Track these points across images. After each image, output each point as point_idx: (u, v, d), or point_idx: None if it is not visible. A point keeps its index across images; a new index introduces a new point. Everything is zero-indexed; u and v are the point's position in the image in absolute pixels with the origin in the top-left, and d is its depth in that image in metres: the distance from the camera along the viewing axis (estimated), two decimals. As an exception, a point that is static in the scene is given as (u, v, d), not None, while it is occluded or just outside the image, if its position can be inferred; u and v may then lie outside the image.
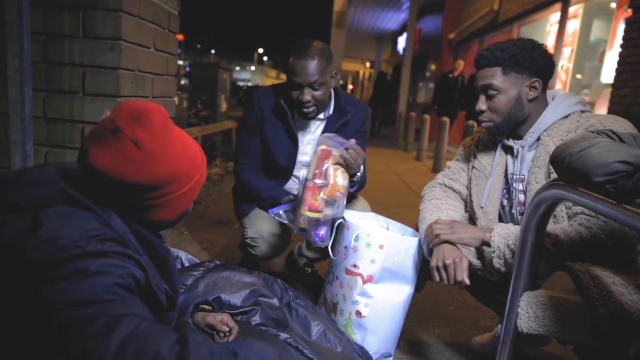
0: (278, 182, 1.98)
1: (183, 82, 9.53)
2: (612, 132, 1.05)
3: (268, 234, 1.88)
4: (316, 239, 1.62)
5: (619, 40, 4.41)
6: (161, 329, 0.79)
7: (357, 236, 1.55)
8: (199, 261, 1.70)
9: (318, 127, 1.97)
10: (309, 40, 1.81)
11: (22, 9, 1.52)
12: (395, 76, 16.99)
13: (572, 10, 6.27)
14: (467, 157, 1.68)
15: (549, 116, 1.43)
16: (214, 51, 67.53)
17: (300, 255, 2.21)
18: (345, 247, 1.59)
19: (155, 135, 0.88)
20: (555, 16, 6.74)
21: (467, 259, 1.41)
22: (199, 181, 0.98)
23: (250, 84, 46.78)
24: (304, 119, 1.88)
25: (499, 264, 1.34)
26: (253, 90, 3.18)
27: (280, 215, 1.70)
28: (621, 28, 4.59)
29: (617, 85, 4.21)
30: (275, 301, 1.47)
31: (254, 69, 72.96)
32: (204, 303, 1.28)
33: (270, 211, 1.71)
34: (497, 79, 1.40)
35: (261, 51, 74.23)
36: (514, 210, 1.51)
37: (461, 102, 8.34)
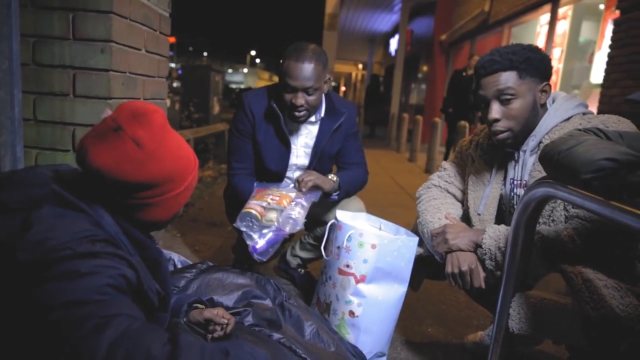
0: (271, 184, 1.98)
1: (175, 85, 9.49)
2: (599, 129, 1.06)
3: None
4: (253, 252, 1.63)
5: (607, 41, 4.45)
6: (152, 329, 0.79)
7: (350, 236, 1.56)
8: (191, 263, 1.70)
9: (311, 130, 1.97)
10: (306, 43, 1.79)
11: (11, 10, 1.51)
12: (387, 77, 17.05)
13: (561, 11, 6.33)
14: (463, 160, 1.63)
15: (550, 119, 1.38)
16: (206, 53, 67.34)
17: (294, 255, 2.21)
18: (338, 247, 1.59)
19: (154, 135, 0.91)
20: (544, 17, 6.80)
21: (480, 264, 1.38)
22: (192, 182, 1.01)
23: (242, 86, 46.78)
24: (293, 121, 1.88)
25: (490, 266, 1.33)
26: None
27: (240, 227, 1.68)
28: (609, 29, 4.65)
29: (606, 85, 4.26)
30: (268, 302, 1.47)
31: (246, 71, 72.80)
32: (198, 302, 1.28)
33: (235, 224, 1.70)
34: (513, 83, 1.32)
35: (253, 53, 74.31)
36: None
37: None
